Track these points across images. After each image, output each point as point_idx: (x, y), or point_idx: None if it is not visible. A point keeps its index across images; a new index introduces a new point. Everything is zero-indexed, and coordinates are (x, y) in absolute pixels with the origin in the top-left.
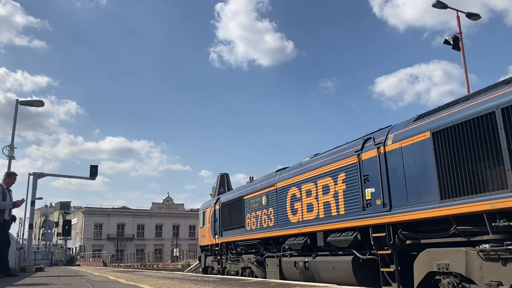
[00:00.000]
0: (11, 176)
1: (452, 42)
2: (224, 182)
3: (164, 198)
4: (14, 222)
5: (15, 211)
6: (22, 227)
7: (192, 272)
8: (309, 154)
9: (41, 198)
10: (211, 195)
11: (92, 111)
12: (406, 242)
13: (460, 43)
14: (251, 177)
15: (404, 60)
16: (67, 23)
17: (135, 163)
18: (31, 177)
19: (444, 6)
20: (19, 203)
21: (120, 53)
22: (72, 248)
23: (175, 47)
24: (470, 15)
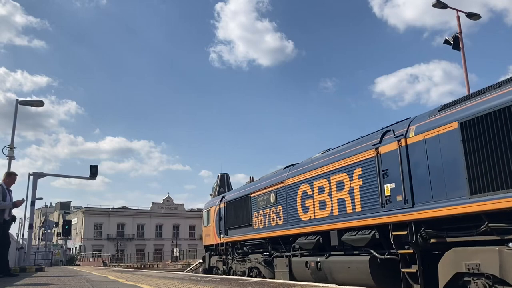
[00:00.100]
0: (11, 176)
1: (452, 42)
2: (224, 182)
3: (164, 198)
4: (14, 222)
5: (15, 211)
6: (22, 227)
7: (192, 272)
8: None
9: (41, 198)
10: (211, 195)
11: (92, 111)
12: (430, 240)
13: (460, 43)
14: (251, 177)
15: (404, 60)
16: (67, 23)
17: (135, 163)
18: (31, 177)
19: (444, 6)
20: (19, 203)
21: (120, 53)
22: (72, 248)
23: (175, 47)
24: (470, 15)
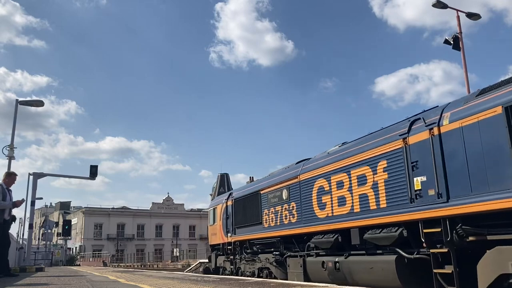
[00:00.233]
0: (11, 176)
1: (452, 42)
2: (224, 182)
3: (164, 198)
4: (14, 222)
5: (15, 211)
6: (22, 227)
7: (192, 272)
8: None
9: (41, 198)
10: (211, 195)
11: (92, 111)
12: (468, 238)
13: (460, 43)
14: (251, 177)
15: (404, 60)
16: (67, 23)
17: (135, 163)
18: (31, 177)
19: (444, 6)
20: (19, 203)
21: (120, 53)
22: (72, 248)
23: (175, 47)
24: (470, 15)
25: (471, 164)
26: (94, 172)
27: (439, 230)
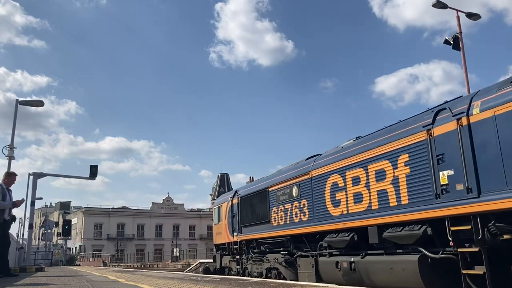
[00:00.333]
0: (10, 176)
1: (452, 42)
2: (224, 182)
3: (164, 198)
4: (14, 222)
5: (15, 211)
6: (22, 227)
7: (192, 272)
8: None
9: (41, 198)
10: (211, 195)
11: (92, 111)
12: (503, 236)
13: (460, 43)
14: (251, 177)
15: (404, 60)
16: (67, 23)
17: (135, 163)
18: (31, 177)
19: (444, 6)
20: (18, 203)
21: (120, 53)
22: (72, 248)
23: (175, 47)
24: (470, 15)
25: (506, 156)
26: (94, 172)
27: (468, 227)
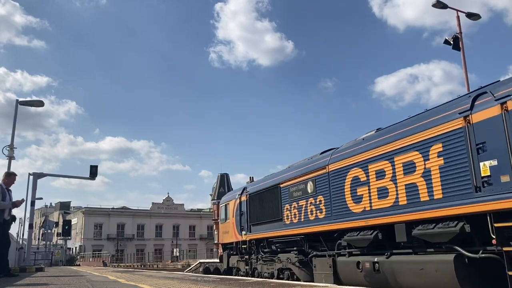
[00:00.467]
0: (10, 176)
1: (452, 42)
2: (224, 182)
3: (164, 198)
4: (14, 222)
5: (15, 211)
6: (22, 227)
7: (192, 272)
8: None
9: (41, 198)
10: (211, 195)
11: (92, 111)
12: None
13: (460, 43)
14: (251, 177)
15: (404, 60)
16: (66, 23)
17: (135, 163)
18: (31, 177)
19: (444, 6)
20: (18, 203)
21: (120, 53)
22: (72, 248)
23: (175, 47)
24: (470, 15)
25: None
26: (94, 172)
27: None
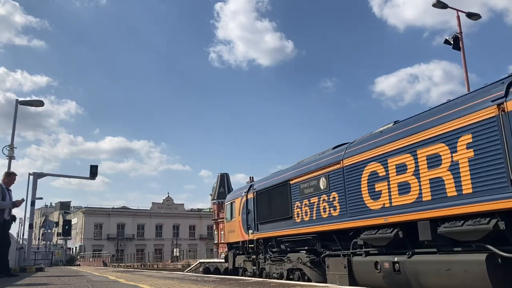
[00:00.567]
0: (10, 176)
1: (452, 42)
2: (224, 182)
3: (164, 198)
4: (14, 222)
5: (15, 211)
6: (22, 227)
7: (192, 272)
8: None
9: (41, 198)
10: (211, 195)
11: (92, 111)
12: None
13: (460, 43)
14: (251, 177)
15: (404, 60)
16: (66, 22)
17: (135, 163)
18: (31, 177)
19: (444, 6)
20: (18, 203)
21: (120, 53)
22: (72, 248)
23: (175, 47)
24: (470, 15)
25: None
26: (94, 172)
27: None
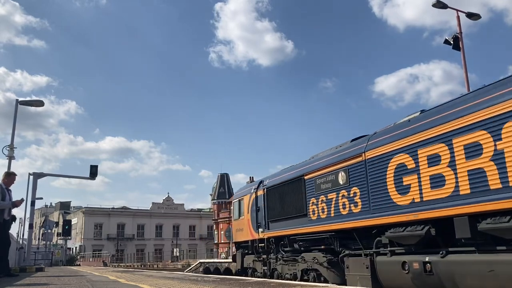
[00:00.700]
0: (10, 176)
1: (452, 42)
2: (224, 182)
3: (164, 198)
4: (14, 222)
5: (15, 211)
6: (22, 227)
7: (192, 272)
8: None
9: (41, 198)
10: (211, 195)
11: (91, 111)
12: None
13: (460, 43)
14: (251, 177)
15: (404, 60)
16: (66, 22)
17: (135, 163)
18: (31, 177)
19: (444, 6)
20: (18, 203)
21: (120, 53)
22: (72, 248)
23: (175, 47)
24: (470, 15)
25: None
26: (94, 172)
27: None
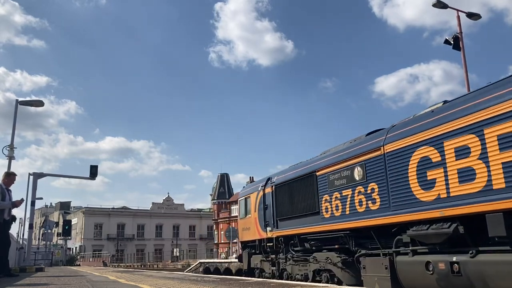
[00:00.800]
0: (10, 176)
1: (452, 42)
2: (224, 182)
3: (164, 198)
4: (14, 222)
5: (15, 211)
6: (22, 227)
7: (192, 272)
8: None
9: (41, 198)
10: (211, 195)
11: (91, 111)
12: None
13: (460, 43)
14: (251, 177)
15: (404, 60)
16: (66, 22)
17: (135, 163)
18: (31, 177)
19: (444, 6)
20: (18, 203)
21: (120, 52)
22: (72, 248)
23: (175, 47)
24: (470, 15)
25: None
26: (94, 172)
27: None
